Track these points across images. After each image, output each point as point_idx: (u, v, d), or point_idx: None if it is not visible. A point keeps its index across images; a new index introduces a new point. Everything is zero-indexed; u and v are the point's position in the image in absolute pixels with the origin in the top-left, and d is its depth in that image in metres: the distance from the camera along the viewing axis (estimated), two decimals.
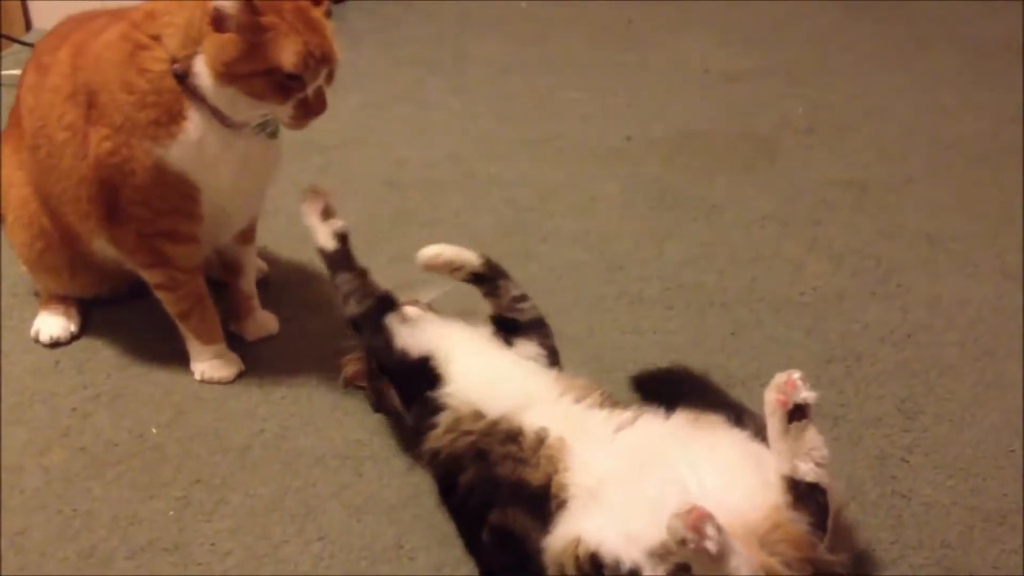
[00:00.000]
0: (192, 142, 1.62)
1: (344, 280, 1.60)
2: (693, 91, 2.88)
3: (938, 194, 2.35)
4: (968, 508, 1.53)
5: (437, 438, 1.48)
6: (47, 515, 1.56)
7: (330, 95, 1.62)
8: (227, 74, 1.55)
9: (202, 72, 1.57)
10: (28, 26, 3.24)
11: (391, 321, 1.57)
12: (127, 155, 1.64)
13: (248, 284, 1.92)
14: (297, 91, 1.57)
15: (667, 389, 1.59)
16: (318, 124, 1.64)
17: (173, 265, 1.76)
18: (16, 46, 3.07)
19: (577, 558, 1.26)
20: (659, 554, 1.20)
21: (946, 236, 2.19)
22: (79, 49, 1.71)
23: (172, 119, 1.62)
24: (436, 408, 1.50)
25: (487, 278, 1.64)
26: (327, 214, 1.62)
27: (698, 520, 1.15)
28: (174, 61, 1.60)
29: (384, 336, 1.56)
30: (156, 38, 1.61)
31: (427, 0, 3.51)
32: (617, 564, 1.23)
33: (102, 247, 1.80)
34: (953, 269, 2.08)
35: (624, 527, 1.25)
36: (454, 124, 2.72)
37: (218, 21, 1.53)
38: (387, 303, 1.59)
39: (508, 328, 1.62)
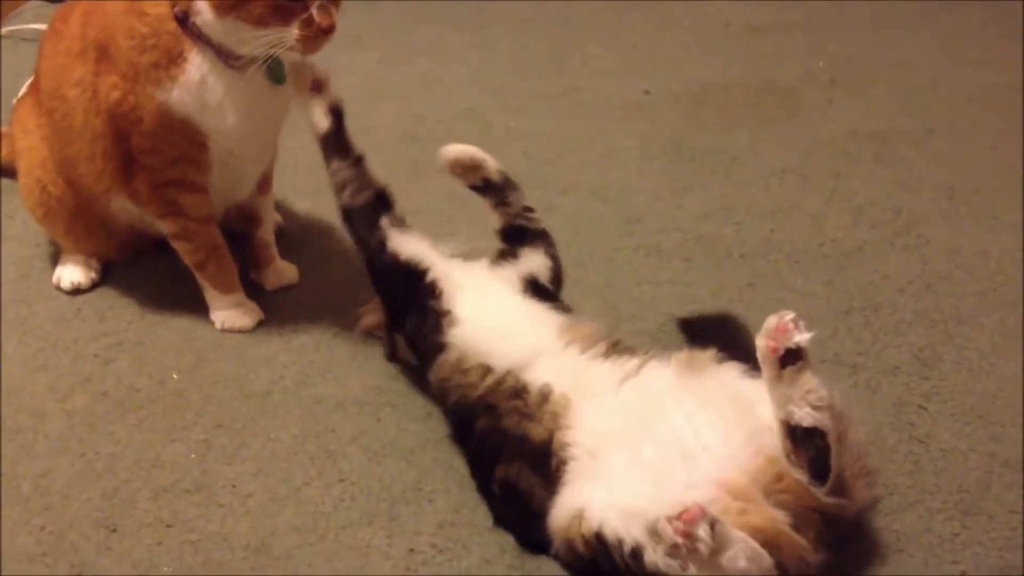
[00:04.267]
0: (193, 84, 1.62)
1: (338, 168, 1.53)
2: (713, 45, 2.86)
3: (960, 147, 2.33)
4: (986, 454, 1.53)
5: (447, 369, 1.49)
6: (70, 458, 1.58)
7: (337, 17, 1.57)
8: (224, 4, 1.54)
9: (202, 8, 1.57)
10: None
11: (384, 221, 1.53)
12: (134, 102, 1.65)
13: (267, 233, 1.93)
14: (299, 12, 1.54)
15: (711, 333, 1.59)
16: (337, 78, 1.62)
17: (186, 215, 1.77)
18: (33, 1, 3.08)
19: (583, 536, 1.26)
20: (657, 534, 1.19)
21: (967, 188, 2.17)
22: (89, 10, 1.73)
23: (172, 61, 1.62)
24: (444, 338, 1.50)
25: (500, 187, 1.63)
26: (318, 88, 1.52)
27: (689, 523, 1.14)
28: (174, 4, 1.60)
29: (377, 236, 1.52)
30: None
31: None
32: (619, 543, 1.23)
33: (120, 207, 1.82)
34: (973, 221, 2.07)
35: (624, 502, 1.25)
36: (473, 79, 2.72)
37: None
38: (383, 201, 1.54)
39: (515, 237, 1.62)
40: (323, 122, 1.53)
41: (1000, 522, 1.43)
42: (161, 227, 1.80)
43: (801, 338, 1.23)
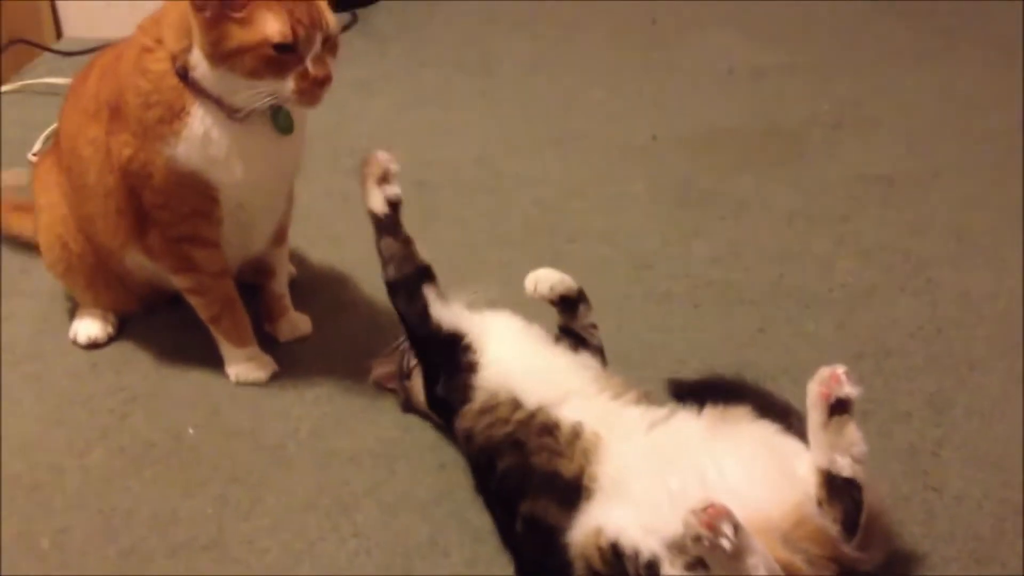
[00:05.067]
0: (197, 138, 1.63)
1: (388, 244, 1.61)
2: (718, 89, 2.88)
3: (966, 188, 2.35)
4: (999, 501, 1.53)
5: (472, 417, 1.50)
6: (88, 514, 1.59)
7: (334, 67, 1.58)
8: (215, 54, 1.54)
9: (199, 61, 1.58)
10: (59, 34, 3.28)
11: (428, 291, 1.59)
12: (144, 159, 1.67)
13: (280, 286, 1.95)
14: (293, 64, 1.54)
15: (704, 395, 1.60)
16: (347, 127, 1.64)
17: (200, 269, 1.78)
18: (48, 54, 3.12)
19: (600, 548, 1.27)
20: (676, 547, 1.21)
21: (975, 230, 2.18)
22: (104, 70, 1.76)
23: (175, 116, 1.63)
24: (470, 386, 1.52)
25: (575, 302, 1.64)
26: (384, 180, 1.61)
27: (714, 517, 1.15)
28: (175, 59, 1.62)
29: (420, 304, 1.59)
30: (159, 41, 1.64)
31: (453, 1, 3.53)
32: (636, 555, 1.24)
33: (135, 262, 1.84)
34: (982, 263, 2.08)
35: (644, 518, 1.26)
36: (481, 124, 2.74)
37: (199, 3, 1.52)
38: (427, 274, 1.61)
39: (576, 340, 1.62)
40: (383, 209, 1.60)
41: (1013, 569, 1.43)
42: (175, 282, 1.81)
43: (852, 390, 1.28)
